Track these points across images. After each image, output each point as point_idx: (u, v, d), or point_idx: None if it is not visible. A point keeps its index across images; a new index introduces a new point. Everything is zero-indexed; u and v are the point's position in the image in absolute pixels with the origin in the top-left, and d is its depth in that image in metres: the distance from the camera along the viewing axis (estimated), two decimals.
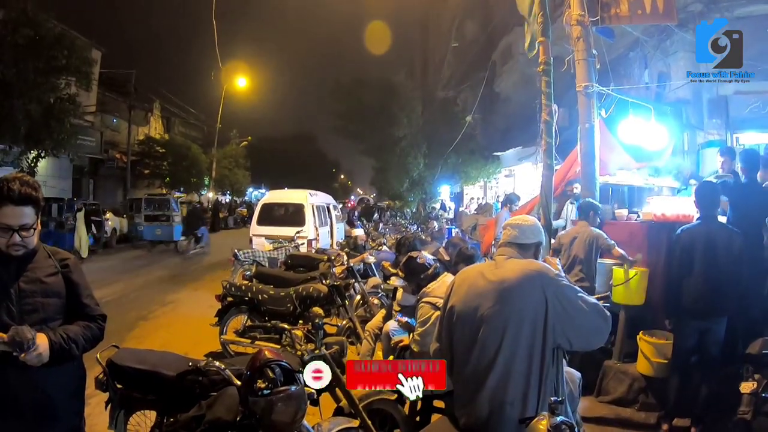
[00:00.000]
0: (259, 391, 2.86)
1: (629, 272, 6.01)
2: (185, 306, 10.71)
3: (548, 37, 7.30)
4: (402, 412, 4.33)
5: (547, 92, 7.09)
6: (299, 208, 13.97)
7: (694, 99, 11.91)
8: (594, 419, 5.51)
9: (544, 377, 2.66)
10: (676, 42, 11.89)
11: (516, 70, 19.84)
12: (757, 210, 5.96)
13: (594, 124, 7.58)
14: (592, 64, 7.55)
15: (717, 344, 5.16)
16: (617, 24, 8.13)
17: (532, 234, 2.98)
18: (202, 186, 37.11)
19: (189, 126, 43.03)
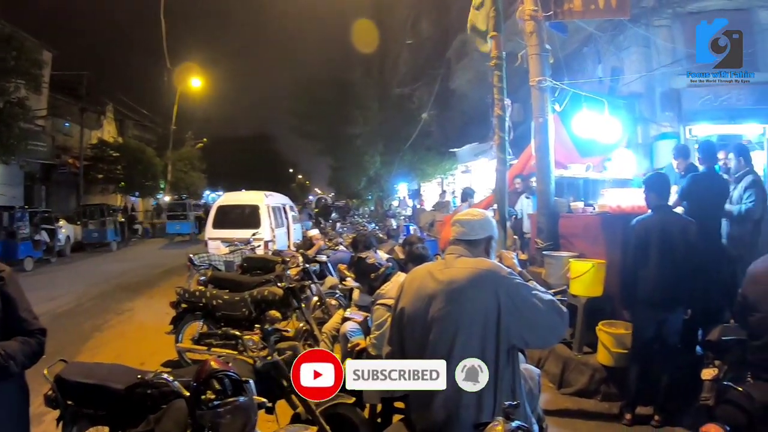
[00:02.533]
0: (208, 402, 2.76)
1: (585, 264, 6.06)
2: (141, 314, 10.50)
3: (501, 31, 7.31)
4: (361, 416, 4.27)
5: (499, 87, 7.11)
6: (255, 210, 13.90)
7: (647, 92, 12.08)
8: (557, 412, 5.55)
9: (499, 379, 2.57)
10: (629, 37, 12.09)
11: (471, 67, 19.91)
12: (716, 199, 6.14)
13: (548, 118, 7.63)
14: (545, 59, 7.60)
15: (675, 333, 5.26)
16: (570, 19, 8.17)
17: (481, 229, 2.87)
18: (157, 190, 36.44)
19: (143, 128, 42.26)
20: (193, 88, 36.33)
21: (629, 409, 5.34)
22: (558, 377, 6.20)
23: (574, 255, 6.62)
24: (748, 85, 11.14)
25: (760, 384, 3.38)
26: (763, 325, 3.47)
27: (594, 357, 6.03)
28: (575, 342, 6.28)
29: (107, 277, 15.86)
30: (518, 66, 7.87)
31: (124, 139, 36.54)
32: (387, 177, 29.52)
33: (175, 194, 37.70)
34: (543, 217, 7.57)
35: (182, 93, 36.39)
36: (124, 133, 39.44)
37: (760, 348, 3.48)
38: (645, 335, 5.31)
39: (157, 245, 26.63)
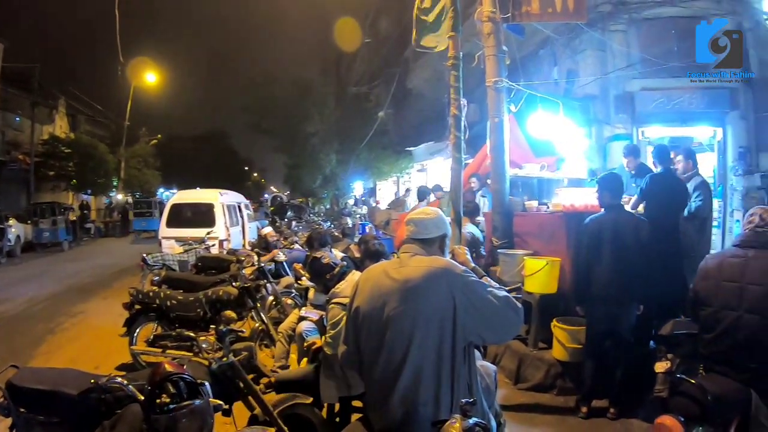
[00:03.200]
0: (164, 406, 2.71)
1: (540, 262, 6.17)
2: (95, 316, 10.24)
3: (458, 32, 7.34)
4: (319, 416, 4.26)
5: (456, 86, 7.14)
6: (209, 208, 13.73)
7: (601, 95, 12.38)
8: (514, 407, 5.63)
9: (456, 376, 2.60)
10: (585, 40, 12.36)
11: (428, 67, 20.02)
12: (673, 198, 6.32)
13: (504, 118, 7.70)
14: (502, 60, 7.67)
15: (629, 328, 5.39)
16: (528, 21, 8.28)
17: (434, 227, 2.90)
18: (110, 187, 35.61)
19: (96, 124, 41.25)
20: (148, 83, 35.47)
21: (585, 402, 5.46)
22: (514, 373, 6.30)
23: (528, 253, 6.74)
24: (700, 89, 11.59)
25: (712, 376, 3.54)
26: (714, 319, 3.62)
27: (549, 353, 6.14)
28: (530, 338, 6.40)
29: (59, 277, 15.42)
30: (475, 67, 7.92)
31: (76, 134, 35.61)
32: (343, 175, 29.44)
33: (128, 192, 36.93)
34: (498, 215, 7.64)
35: (137, 88, 35.61)
36: (76, 129, 38.57)
37: (711, 341, 3.63)
38: (599, 330, 5.44)
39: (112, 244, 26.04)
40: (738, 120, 12.24)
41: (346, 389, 4.09)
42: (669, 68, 11.58)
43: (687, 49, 11.46)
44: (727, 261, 3.72)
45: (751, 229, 3.71)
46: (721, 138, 12.44)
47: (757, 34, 12.31)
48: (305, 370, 4.56)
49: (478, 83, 8.21)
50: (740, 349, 3.46)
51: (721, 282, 3.64)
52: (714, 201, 10.44)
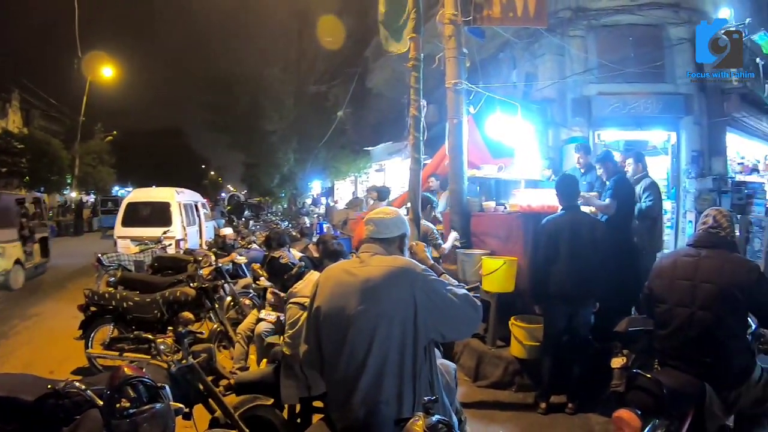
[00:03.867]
0: (123, 411, 2.65)
1: (497, 261, 6.25)
2: (49, 319, 9.89)
3: (420, 33, 7.39)
4: (281, 417, 4.24)
5: (416, 87, 7.19)
6: (166, 207, 13.47)
7: (559, 98, 12.61)
8: (474, 404, 5.68)
9: (418, 375, 2.62)
10: (544, 45, 12.59)
11: (388, 67, 20.07)
12: (630, 200, 6.55)
13: (462, 119, 7.77)
14: (462, 62, 7.73)
15: (585, 325, 5.54)
16: (489, 25, 8.37)
17: (394, 227, 2.90)
18: (63, 185, 34.68)
19: (50, 119, 40.04)
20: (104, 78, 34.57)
21: (543, 398, 5.57)
22: (473, 371, 6.37)
23: (486, 253, 6.81)
24: (655, 95, 11.90)
25: (667, 370, 3.66)
26: (668, 315, 3.74)
27: (507, 350, 6.23)
28: (489, 336, 6.47)
29: None
30: (435, 68, 7.98)
31: (29, 129, 34.56)
32: (301, 175, 29.27)
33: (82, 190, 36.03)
34: (456, 215, 7.69)
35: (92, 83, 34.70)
36: (30, 124, 37.36)
37: (666, 337, 3.75)
38: (556, 328, 5.56)
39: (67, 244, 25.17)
40: (691, 125, 12.65)
41: (306, 390, 4.10)
42: (625, 74, 11.95)
43: (644, 56, 11.91)
44: (680, 260, 3.83)
45: (705, 229, 3.81)
46: (675, 142, 12.85)
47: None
48: (265, 371, 4.56)
49: (438, 84, 8.27)
50: (694, 345, 3.57)
51: (675, 280, 3.75)
52: (667, 202, 10.75)
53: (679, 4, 12.56)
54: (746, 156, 14.93)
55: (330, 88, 28.48)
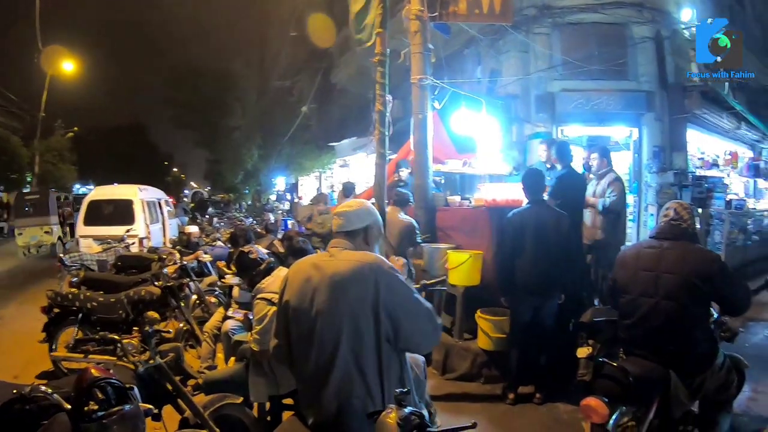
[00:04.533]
0: (92, 414, 2.59)
1: (463, 255, 6.31)
2: (12, 322, 9.54)
3: (386, 28, 7.40)
4: (251, 416, 4.21)
5: (382, 83, 7.20)
6: (128, 205, 13.27)
7: (523, 94, 12.72)
8: (443, 396, 5.73)
9: (387, 368, 2.61)
10: (509, 42, 12.69)
11: (353, 62, 19.99)
12: (576, 194, 6.64)
13: (427, 115, 7.81)
14: (427, 58, 7.77)
15: (551, 316, 5.60)
16: (455, 21, 8.45)
17: (357, 219, 2.88)
18: (23, 183, 33.78)
19: (9, 115, 38.86)
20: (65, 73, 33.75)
21: (512, 389, 5.64)
22: (441, 364, 6.41)
23: (451, 247, 6.84)
24: (617, 92, 12.13)
25: (632, 358, 3.74)
26: (632, 305, 3.82)
27: (474, 343, 6.29)
28: (456, 329, 6.52)
29: None
30: (400, 63, 8.01)
31: None
32: (265, 171, 29.13)
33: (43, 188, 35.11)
34: (421, 210, 7.73)
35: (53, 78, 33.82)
36: None
37: (630, 326, 3.83)
38: (523, 320, 5.63)
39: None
40: (653, 121, 12.90)
41: (275, 387, 4.07)
42: (589, 71, 12.11)
43: (607, 54, 12.11)
44: (643, 251, 3.92)
45: (667, 222, 3.90)
46: (637, 138, 13.08)
47: (674, 42, 13.14)
48: (233, 369, 4.53)
49: (403, 80, 8.30)
50: (658, 333, 3.66)
51: (639, 271, 3.83)
52: (629, 197, 10.97)
53: (643, 3, 12.74)
54: (706, 151, 15.30)
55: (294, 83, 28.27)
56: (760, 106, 18.92)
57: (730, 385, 3.95)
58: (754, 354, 6.85)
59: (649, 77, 12.89)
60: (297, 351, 2.74)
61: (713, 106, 14.27)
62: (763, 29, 21.80)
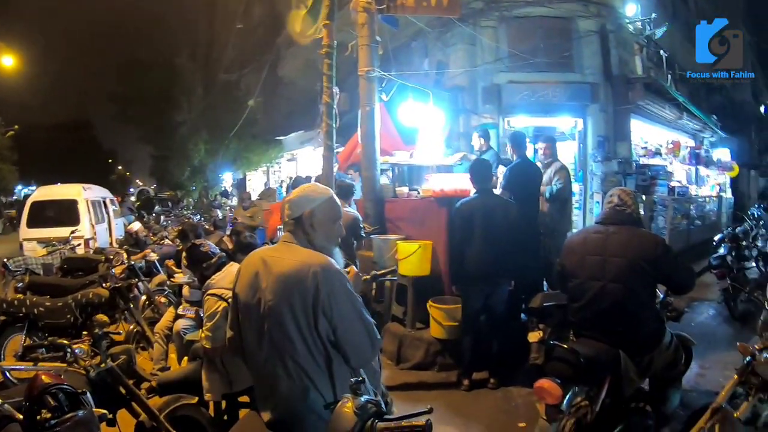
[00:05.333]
0: (45, 422, 2.54)
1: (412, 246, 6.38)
2: None
3: (333, 20, 7.39)
4: (207, 415, 4.18)
5: (328, 75, 7.20)
6: (73, 205, 12.95)
7: (470, 86, 12.84)
8: (399, 386, 5.79)
9: (337, 365, 2.60)
10: (456, 34, 12.78)
11: (300, 55, 19.82)
12: (531, 183, 6.70)
13: (375, 107, 7.83)
14: (375, 50, 7.77)
15: (501, 303, 5.70)
16: (403, 13, 8.47)
17: (300, 205, 2.78)
18: None
19: None
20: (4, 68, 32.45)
21: (466, 376, 5.73)
22: (395, 354, 6.47)
23: (401, 237, 6.89)
24: (563, 83, 12.39)
25: (583, 340, 3.85)
26: (581, 289, 3.92)
27: (427, 332, 6.35)
28: (408, 319, 6.59)
29: None
30: (347, 56, 8.01)
31: None
32: (212, 166, 28.58)
33: None
34: (369, 202, 7.77)
35: None
36: None
37: (579, 309, 3.93)
38: (474, 307, 5.73)
39: None
40: (598, 112, 13.19)
41: (229, 385, 4.04)
42: (535, 63, 12.33)
43: (553, 47, 12.37)
44: (590, 236, 4.03)
45: (611, 207, 4.01)
46: (582, 128, 13.36)
47: (619, 36, 13.52)
48: (187, 369, 4.48)
49: (350, 73, 8.30)
50: (606, 315, 3.77)
51: (586, 256, 3.93)
52: (575, 185, 11.24)
53: None
54: (649, 141, 15.74)
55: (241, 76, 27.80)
56: (701, 98, 19.72)
57: (678, 362, 4.10)
58: (700, 332, 7.19)
59: (594, 69, 13.17)
60: (248, 345, 2.71)
61: (656, 97, 14.70)
62: None
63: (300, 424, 2.57)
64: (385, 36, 8.34)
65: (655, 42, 14.98)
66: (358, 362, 2.68)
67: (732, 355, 3.68)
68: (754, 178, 28.29)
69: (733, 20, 26.07)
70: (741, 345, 3.62)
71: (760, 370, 3.34)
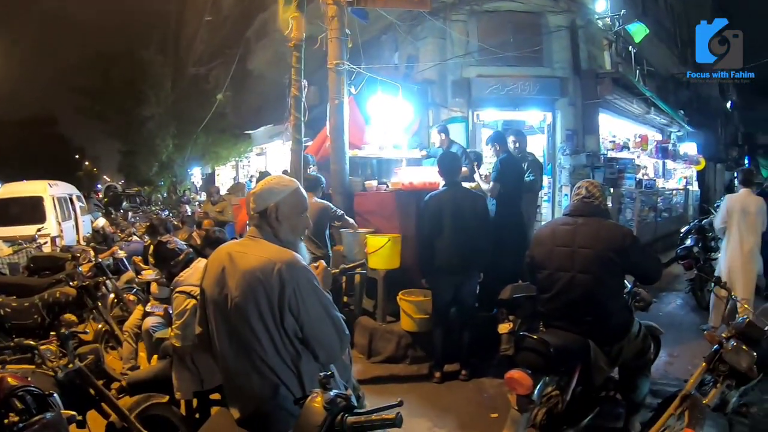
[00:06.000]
0: (13, 426, 2.50)
1: (382, 239, 6.39)
2: None
3: (303, 12, 7.35)
4: (178, 414, 4.11)
5: (297, 68, 7.17)
6: (38, 202, 12.75)
7: (439, 80, 12.89)
8: (370, 380, 5.82)
9: (305, 361, 2.58)
10: (427, 28, 12.81)
11: (270, 48, 19.72)
12: (515, 177, 6.78)
13: (344, 100, 7.82)
14: (344, 43, 7.77)
15: (471, 295, 5.80)
16: (373, 6, 8.45)
17: (265, 198, 2.74)
18: None
19: None
20: None
21: (438, 368, 5.79)
22: (366, 348, 6.49)
23: (370, 231, 6.89)
24: (532, 78, 12.52)
25: (552, 330, 3.90)
26: (550, 280, 3.98)
27: (398, 325, 6.37)
28: (378, 313, 6.60)
29: None
30: (317, 49, 7.97)
31: None
32: (180, 161, 28.23)
33: None
34: (339, 195, 7.75)
35: None
36: None
37: (549, 300, 3.99)
38: (444, 299, 5.77)
39: None
40: (566, 106, 13.33)
41: (199, 383, 4.01)
42: (505, 57, 12.41)
43: (523, 41, 12.48)
44: (558, 228, 4.08)
45: (579, 199, 4.08)
46: (551, 122, 13.48)
47: (588, 31, 13.71)
48: (157, 367, 4.42)
49: (320, 66, 8.26)
50: (576, 305, 3.82)
51: (555, 247, 3.98)
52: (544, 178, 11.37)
53: None
54: (618, 135, 15.89)
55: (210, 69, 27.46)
56: (669, 93, 20.05)
57: (647, 351, 4.16)
58: (668, 322, 7.40)
59: (563, 64, 13.30)
60: (216, 341, 2.67)
61: (624, 92, 14.83)
62: (673, 21, 22.99)
63: (270, 421, 2.55)
64: (355, 29, 8.32)
65: (624, 38, 15.19)
66: (327, 358, 2.68)
67: (700, 344, 3.78)
68: (720, 171, 28.88)
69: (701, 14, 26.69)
70: (708, 333, 3.72)
71: (728, 358, 3.42)
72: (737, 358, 3.38)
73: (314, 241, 6.65)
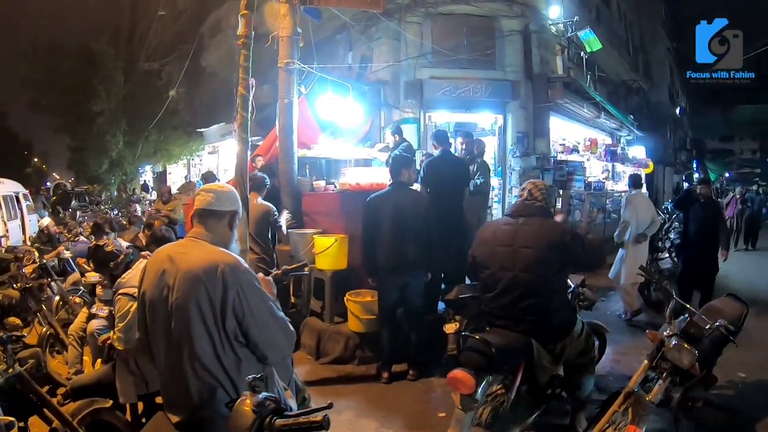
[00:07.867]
0: None
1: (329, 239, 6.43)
2: None
3: (252, 10, 7.27)
4: (123, 419, 4.03)
5: (245, 66, 7.08)
6: None
7: (392, 81, 12.93)
8: (319, 381, 5.83)
9: (245, 365, 2.57)
10: (381, 29, 12.87)
11: (224, 45, 19.59)
12: (453, 176, 6.78)
13: (294, 99, 7.83)
14: (295, 42, 7.75)
15: (417, 295, 5.79)
16: (326, 6, 8.47)
17: (228, 201, 2.77)
18: None
19: None
20: None
21: (386, 368, 5.80)
22: (314, 349, 6.47)
23: (318, 231, 6.91)
24: (484, 80, 12.68)
25: (496, 330, 3.93)
26: (492, 279, 4.02)
27: (346, 326, 6.38)
28: (326, 313, 6.61)
29: None
30: (269, 47, 7.93)
31: None
32: (131, 159, 27.58)
33: None
34: (287, 196, 7.75)
35: None
36: None
37: (492, 299, 4.03)
38: (390, 300, 5.79)
39: None
40: (518, 109, 13.53)
41: (143, 386, 3.94)
42: (458, 60, 12.55)
43: (476, 44, 12.63)
44: (500, 228, 4.13)
45: (521, 201, 4.16)
46: (502, 124, 13.67)
47: (541, 36, 13.92)
48: (100, 371, 4.32)
49: (274, 63, 8.21)
50: (518, 304, 3.87)
51: (497, 247, 4.03)
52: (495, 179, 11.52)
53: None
54: (568, 138, 16.17)
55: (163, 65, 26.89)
56: (619, 98, 20.52)
57: (590, 349, 4.22)
58: (616, 320, 7.55)
59: (516, 68, 13.50)
60: (154, 345, 2.64)
61: (575, 96, 15.14)
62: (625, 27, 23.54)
63: (208, 425, 2.53)
64: (308, 28, 8.30)
65: (576, 44, 15.51)
66: (275, 359, 2.69)
67: (647, 341, 3.87)
68: (669, 174, 29.65)
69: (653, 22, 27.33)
70: (650, 332, 3.80)
71: (670, 356, 3.50)
72: (679, 356, 3.46)
73: (257, 242, 6.64)
